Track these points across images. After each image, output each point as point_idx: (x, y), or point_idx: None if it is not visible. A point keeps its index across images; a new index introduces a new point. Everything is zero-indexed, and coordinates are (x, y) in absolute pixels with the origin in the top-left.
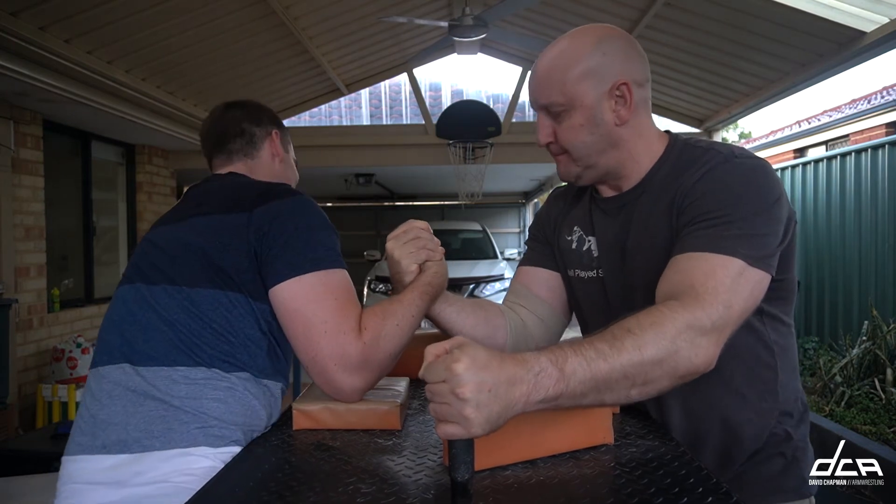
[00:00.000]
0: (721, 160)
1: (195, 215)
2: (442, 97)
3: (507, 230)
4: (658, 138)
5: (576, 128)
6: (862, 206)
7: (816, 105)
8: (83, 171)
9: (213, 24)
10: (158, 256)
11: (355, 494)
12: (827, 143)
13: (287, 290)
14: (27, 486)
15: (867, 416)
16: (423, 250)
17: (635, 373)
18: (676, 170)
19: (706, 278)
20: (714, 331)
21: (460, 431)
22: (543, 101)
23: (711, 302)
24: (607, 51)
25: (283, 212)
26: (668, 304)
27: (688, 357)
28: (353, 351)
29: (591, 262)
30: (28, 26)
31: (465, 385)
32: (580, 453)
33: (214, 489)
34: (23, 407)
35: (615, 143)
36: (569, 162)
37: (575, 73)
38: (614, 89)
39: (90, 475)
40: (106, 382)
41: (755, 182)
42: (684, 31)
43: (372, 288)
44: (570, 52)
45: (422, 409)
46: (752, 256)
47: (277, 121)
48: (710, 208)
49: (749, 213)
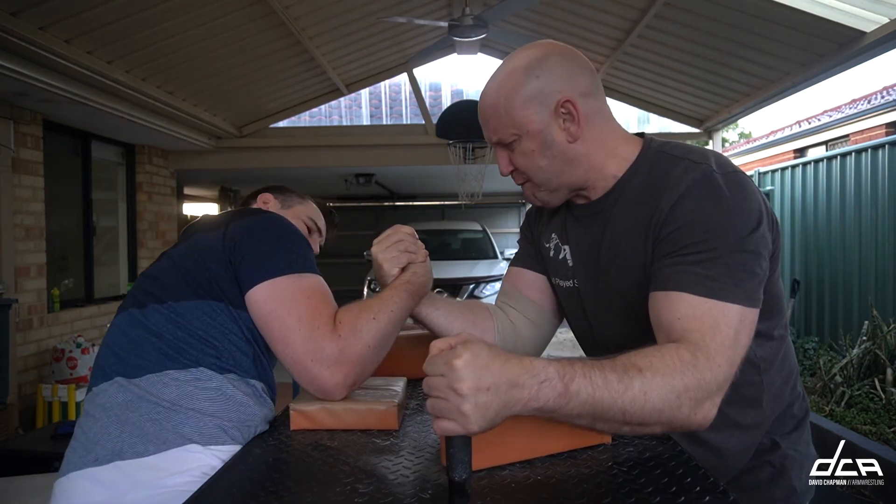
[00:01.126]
0: (699, 177)
1: (182, 242)
2: (442, 97)
3: (507, 230)
4: (626, 142)
5: (529, 154)
6: (862, 207)
7: (816, 105)
8: (83, 171)
9: (213, 24)
10: (150, 283)
11: (353, 494)
12: (827, 143)
13: (260, 293)
14: (27, 486)
15: (867, 416)
16: (405, 254)
17: (634, 414)
18: (651, 180)
19: (714, 332)
20: (718, 392)
21: (456, 428)
22: (494, 136)
23: (720, 363)
24: (542, 73)
25: (255, 226)
26: (681, 356)
27: (687, 415)
28: (328, 345)
29: (566, 272)
30: (28, 26)
31: (463, 381)
32: (578, 453)
33: (212, 490)
34: (23, 407)
35: (572, 161)
36: (533, 188)
37: (516, 103)
38: (559, 108)
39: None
40: (100, 398)
41: (737, 205)
42: (684, 31)
43: (372, 288)
44: (508, 83)
45: (419, 409)
46: (747, 298)
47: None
48: (694, 240)
49: (736, 245)
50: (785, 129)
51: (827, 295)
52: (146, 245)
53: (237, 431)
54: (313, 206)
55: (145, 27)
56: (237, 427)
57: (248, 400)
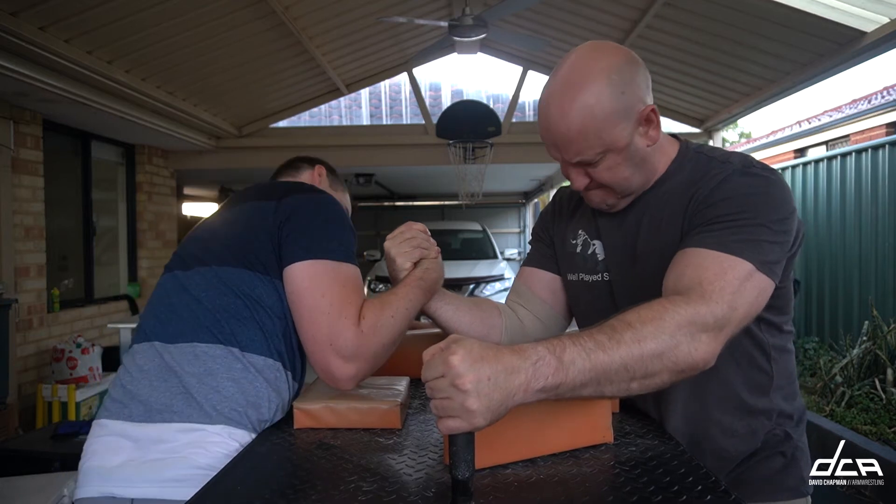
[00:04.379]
0: (738, 171)
1: (234, 205)
2: (442, 97)
3: (507, 230)
4: (668, 142)
5: (614, 167)
6: (862, 207)
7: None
8: (83, 171)
9: (213, 24)
10: (196, 245)
11: (356, 493)
12: (827, 143)
13: (299, 270)
14: (27, 486)
15: (867, 416)
16: (418, 249)
17: (635, 365)
18: (691, 177)
19: (715, 277)
20: (716, 328)
21: (462, 424)
22: (575, 158)
23: (717, 300)
24: (626, 87)
25: (307, 203)
26: (671, 299)
27: (687, 352)
28: (350, 336)
29: (595, 266)
30: (28, 26)
31: (464, 376)
32: (580, 452)
33: (216, 487)
34: (23, 407)
35: (645, 162)
36: (606, 195)
37: (606, 124)
38: (642, 117)
39: (117, 434)
40: (139, 358)
41: (769, 193)
42: (684, 31)
43: (372, 288)
44: (593, 104)
45: (422, 408)
46: (761, 261)
47: (332, 169)
48: (723, 212)
49: (761, 221)
50: (785, 129)
51: (827, 295)
52: (146, 245)
53: (254, 415)
54: (348, 197)
55: (145, 27)
56: (254, 412)
57: (269, 390)
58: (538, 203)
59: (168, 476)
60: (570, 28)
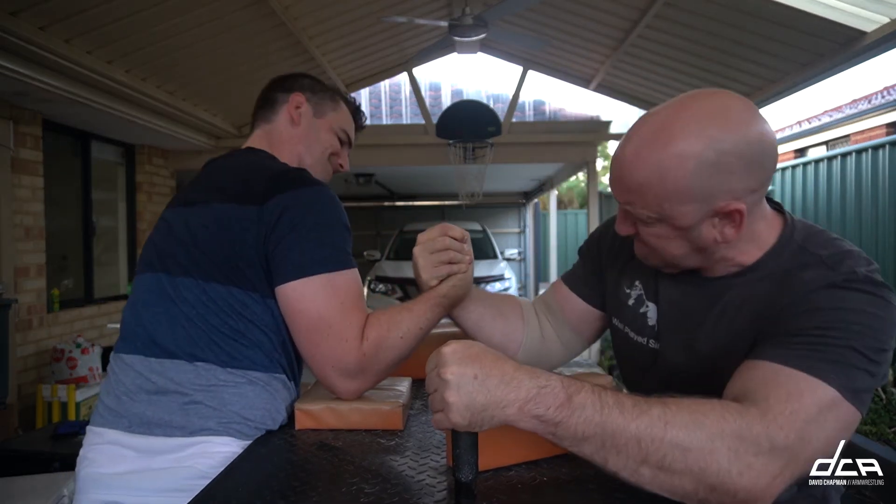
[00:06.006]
0: (839, 280)
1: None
2: (442, 97)
3: (507, 230)
4: (767, 226)
5: (664, 238)
6: (862, 207)
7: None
8: (83, 171)
9: (213, 24)
10: (177, 246)
11: (358, 494)
12: (827, 143)
13: (292, 290)
14: (27, 486)
15: (867, 416)
16: (445, 266)
17: (650, 446)
18: (784, 274)
19: (788, 398)
20: (773, 453)
21: (443, 419)
22: (627, 205)
23: (783, 425)
24: (721, 168)
25: (293, 205)
26: (725, 403)
27: (726, 469)
28: (351, 359)
29: (643, 329)
30: (28, 26)
31: (447, 366)
32: None
33: (218, 489)
34: (22, 407)
35: (705, 252)
36: (649, 254)
37: (674, 196)
38: (722, 212)
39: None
40: (129, 371)
41: (875, 315)
42: (684, 31)
43: (372, 288)
44: (671, 166)
45: (424, 409)
46: (851, 389)
47: (313, 87)
48: (810, 324)
49: (855, 344)
50: (785, 129)
51: None
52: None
53: (262, 425)
54: (345, 111)
55: (145, 27)
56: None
57: (277, 399)
58: (538, 203)
59: (174, 485)
60: (570, 28)
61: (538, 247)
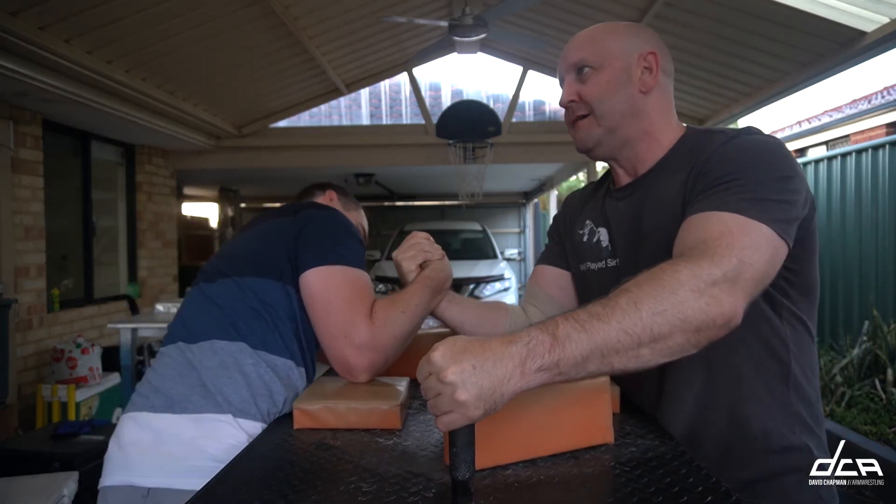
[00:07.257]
0: (739, 132)
1: (255, 225)
2: (442, 97)
3: (507, 230)
4: (677, 127)
5: (602, 84)
6: (862, 207)
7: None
8: (83, 171)
9: (213, 24)
10: (220, 261)
11: (356, 493)
12: (827, 143)
13: (313, 275)
14: (27, 486)
15: (868, 416)
16: (421, 253)
17: (637, 329)
18: (691, 149)
19: (721, 235)
20: (727, 281)
21: (458, 417)
22: (575, 58)
23: (723, 254)
24: (642, 33)
25: (318, 217)
26: (670, 261)
27: (698, 307)
28: (362, 328)
29: (600, 253)
30: (28, 26)
31: (446, 369)
32: (580, 452)
33: (216, 488)
34: (22, 407)
35: (637, 112)
36: (591, 124)
37: (611, 37)
38: (642, 58)
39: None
40: (164, 357)
41: (774, 153)
42: (684, 31)
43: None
44: (611, 25)
45: (422, 408)
46: (773, 220)
47: (342, 191)
48: (725, 171)
49: (767, 178)
50: (785, 129)
51: (827, 295)
52: (146, 245)
53: (264, 405)
54: (363, 214)
55: (145, 27)
56: (263, 400)
57: (277, 377)
58: (538, 203)
59: (182, 467)
60: (570, 28)
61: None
